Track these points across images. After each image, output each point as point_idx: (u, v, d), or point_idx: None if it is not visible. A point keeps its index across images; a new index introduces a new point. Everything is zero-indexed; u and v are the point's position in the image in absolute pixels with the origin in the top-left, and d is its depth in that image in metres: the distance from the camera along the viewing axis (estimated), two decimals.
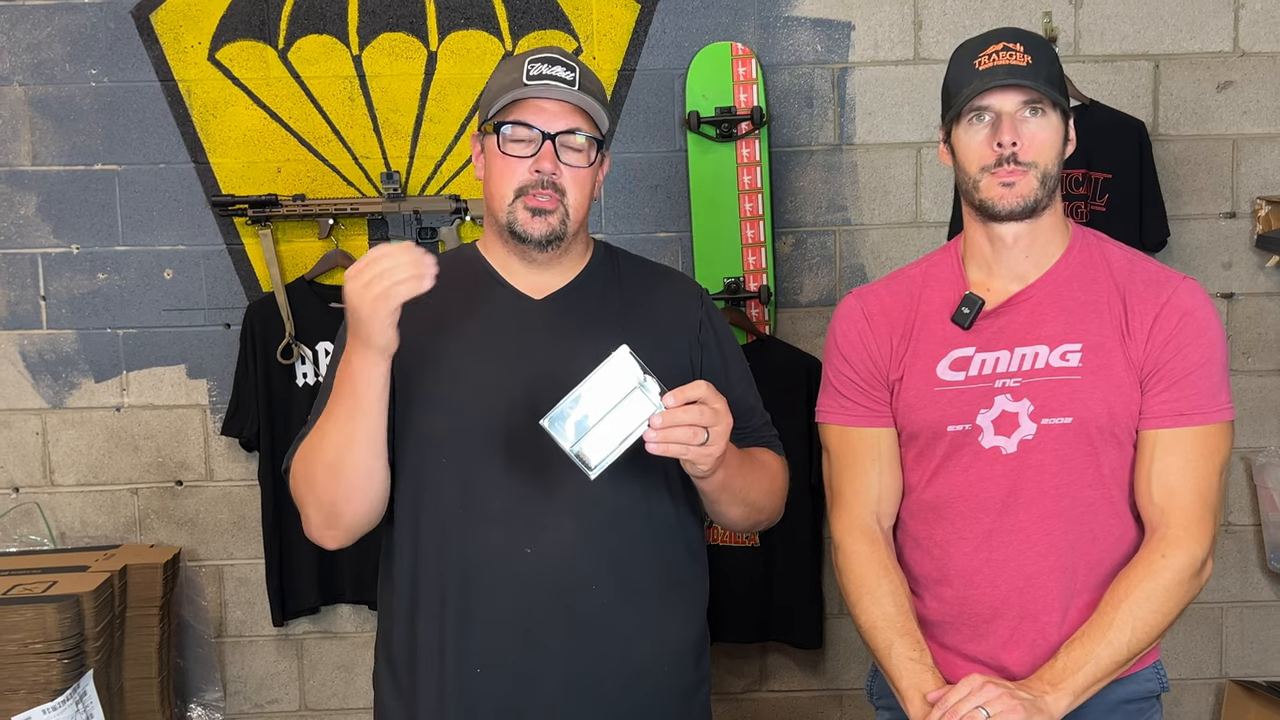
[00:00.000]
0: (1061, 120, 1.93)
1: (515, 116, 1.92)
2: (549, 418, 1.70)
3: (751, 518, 2.05)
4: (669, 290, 2.09)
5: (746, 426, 2.07)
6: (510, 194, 1.92)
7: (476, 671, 1.91)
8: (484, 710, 1.92)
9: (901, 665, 1.91)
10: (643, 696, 1.96)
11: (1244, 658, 3.49)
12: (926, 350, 1.99)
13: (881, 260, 3.36)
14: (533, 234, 1.92)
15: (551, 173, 1.90)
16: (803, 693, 3.48)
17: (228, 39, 3.29)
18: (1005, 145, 1.88)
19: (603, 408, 1.70)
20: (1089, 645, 1.84)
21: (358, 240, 3.33)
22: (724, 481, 1.87)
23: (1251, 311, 3.40)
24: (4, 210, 3.32)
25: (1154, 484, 1.90)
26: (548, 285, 2.00)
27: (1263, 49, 3.34)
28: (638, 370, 1.71)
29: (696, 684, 2.05)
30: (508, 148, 1.92)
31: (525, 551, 1.89)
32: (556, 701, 1.91)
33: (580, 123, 1.93)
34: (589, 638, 1.92)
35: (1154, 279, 1.96)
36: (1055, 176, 1.92)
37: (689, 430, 1.71)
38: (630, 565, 1.94)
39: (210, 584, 3.42)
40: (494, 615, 1.91)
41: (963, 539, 1.96)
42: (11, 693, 2.75)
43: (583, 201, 1.95)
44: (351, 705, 3.47)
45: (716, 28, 3.31)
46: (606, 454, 1.71)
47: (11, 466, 3.38)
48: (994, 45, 1.91)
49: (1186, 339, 1.90)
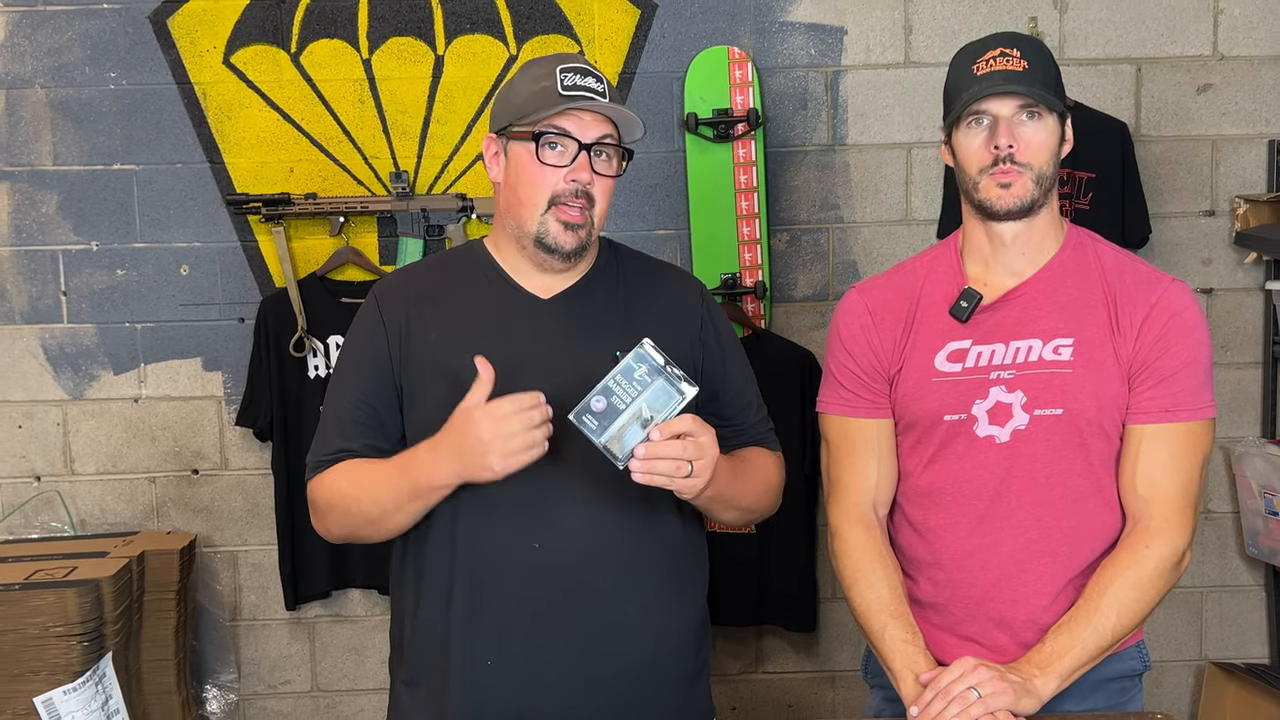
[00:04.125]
0: (1058, 122, 1.92)
1: (549, 124, 1.88)
2: (576, 412, 1.69)
3: (744, 517, 2.05)
4: (672, 287, 2.07)
5: (742, 423, 2.06)
6: (544, 203, 1.89)
7: (486, 664, 1.90)
8: (492, 700, 1.91)
9: (895, 647, 1.91)
10: (646, 685, 1.95)
11: (1223, 640, 3.48)
12: (925, 342, 1.99)
13: (873, 257, 3.36)
14: (564, 247, 1.90)
15: (588, 182, 1.88)
16: (797, 674, 3.48)
17: (242, 43, 3.28)
18: (1002, 148, 1.88)
19: (628, 399, 1.69)
20: (1076, 630, 1.84)
21: (367, 237, 3.32)
22: (713, 496, 1.85)
23: (1230, 306, 3.40)
24: (26, 208, 3.31)
25: (1139, 477, 1.91)
26: (556, 285, 1.98)
27: (1241, 53, 3.33)
28: (660, 360, 1.70)
29: (698, 670, 2.04)
30: (544, 156, 1.89)
31: (533, 547, 1.89)
32: (562, 692, 1.90)
33: (610, 132, 1.92)
34: (594, 630, 1.90)
35: (1144, 279, 1.96)
36: (1051, 177, 1.92)
37: (672, 464, 1.70)
38: (635, 559, 1.93)
39: (225, 569, 3.41)
40: (502, 608, 1.90)
41: (956, 524, 1.96)
42: (33, 674, 2.75)
43: (605, 210, 1.94)
44: (362, 687, 3.46)
45: (714, 32, 3.30)
46: (634, 445, 1.69)
47: (33, 456, 3.37)
48: (992, 51, 1.91)
49: (1174, 338, 1.90)
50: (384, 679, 3.40)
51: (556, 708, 1.89)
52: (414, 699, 1.98)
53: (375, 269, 3.31)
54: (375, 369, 1.96)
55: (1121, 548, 1.90)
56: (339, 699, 3.47)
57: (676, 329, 2.00)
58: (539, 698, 1.90)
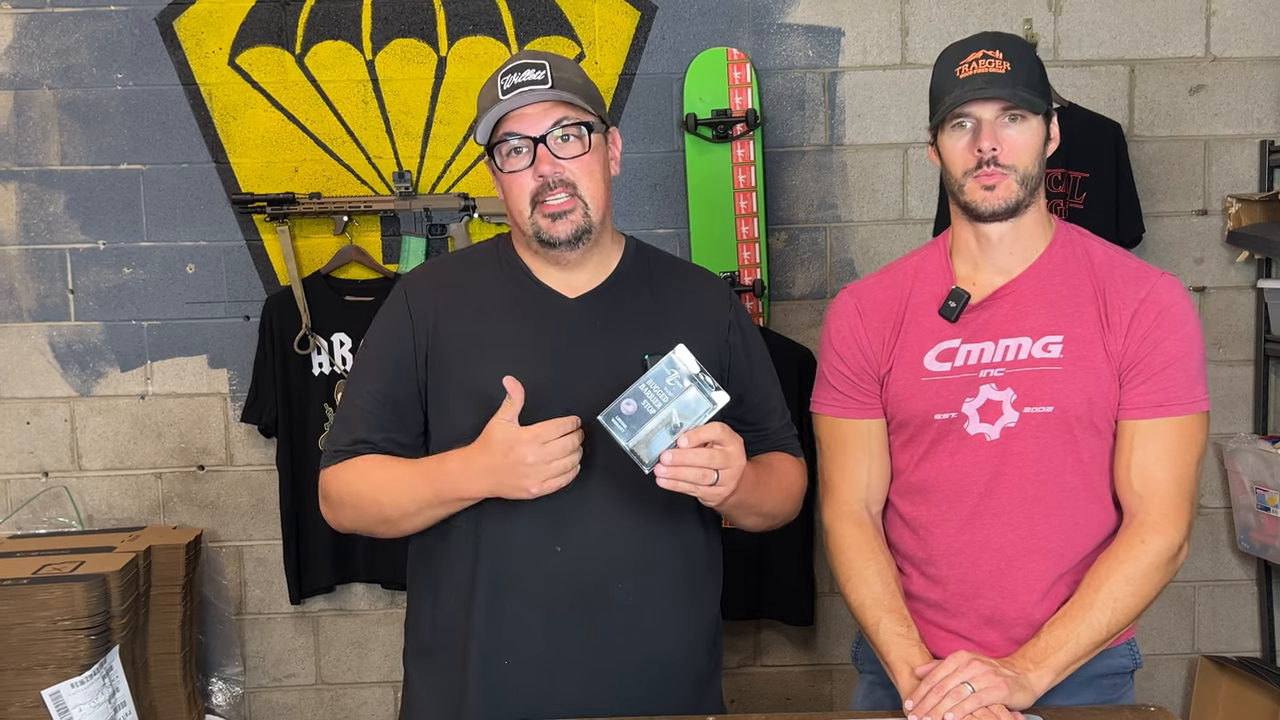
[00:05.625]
0: (1042, 122, 1.91)
1: (501, 132, 1.87)
2: (606, 414, 1.66)
3: (766, 523, 2.02)
4: (700, 290, 2.04)
5: (766, 428, 2.04)
6: (527, 206, 1.88)
7: (505, 662, 1.89)
8: (509, 699, 1.89)
9: (890, 640, 1.90)
10: (660, 686, 1.94)
11: (1215, 634, 3.48)
12: (915, 342, 1.98)
13: (870, 255, 3.35)
14: (558, 236, 1.87)
15: (555, 172, 1.86)
16: (795, 667, 3.48)
17: (247, 45, 3.28)
18: (985, 151, 1.87)
19: (659, 404, 1.67)
20: (1070, 625, 1.83)
21: (371, 236, 3.32)
22: (737, 503, 1.84)
23: (1222, 304, 3.40)
24: (35, 208, 3.31)
25: (1134, 472, 1.89)
26: (582, 284, 1.95)
27: (1233, 54, 3.33)
28: (694, 367, 1.67)
29: (710, 671, 2.03)
30: (507, 164, 1.88)
31: (555, 550, 1.87)
32: (578, 692, 1.89)
33: (564, 114, 1.87)
34: (611, 632, 1.89)
35: (1133, 274, 1.94)
36: (1036, 176, 1.91)
37: (699, 471, 1.69)
38: (653, 563, 1.92)
39: (230, 564, 3.42)
40: (522, 610, 1.88)
41: (947, 521, 1.95)
42: (41, 667, 2.75)
43: (598, 188, 1.89)
44: (365, 679, 3.47)
45: (713, 34, 3.30)
46: (661, 451, 1.67)
47: (41, 452, 3.37)
48: (974, 53, 1.89)
49: (1165, 333, 1.89)
50: (387, 672, 3.42)
51: (572, 707, 1.88)
52: (431, 694, 1.97)
53: (379, 267, 3.31)
54: (398, 362, 1.94)
55: (1118, 543, 1.89)
56: (343, 692, 3.47)
57: (704, 331, 1.97)
58: (555, 697, 1.89)
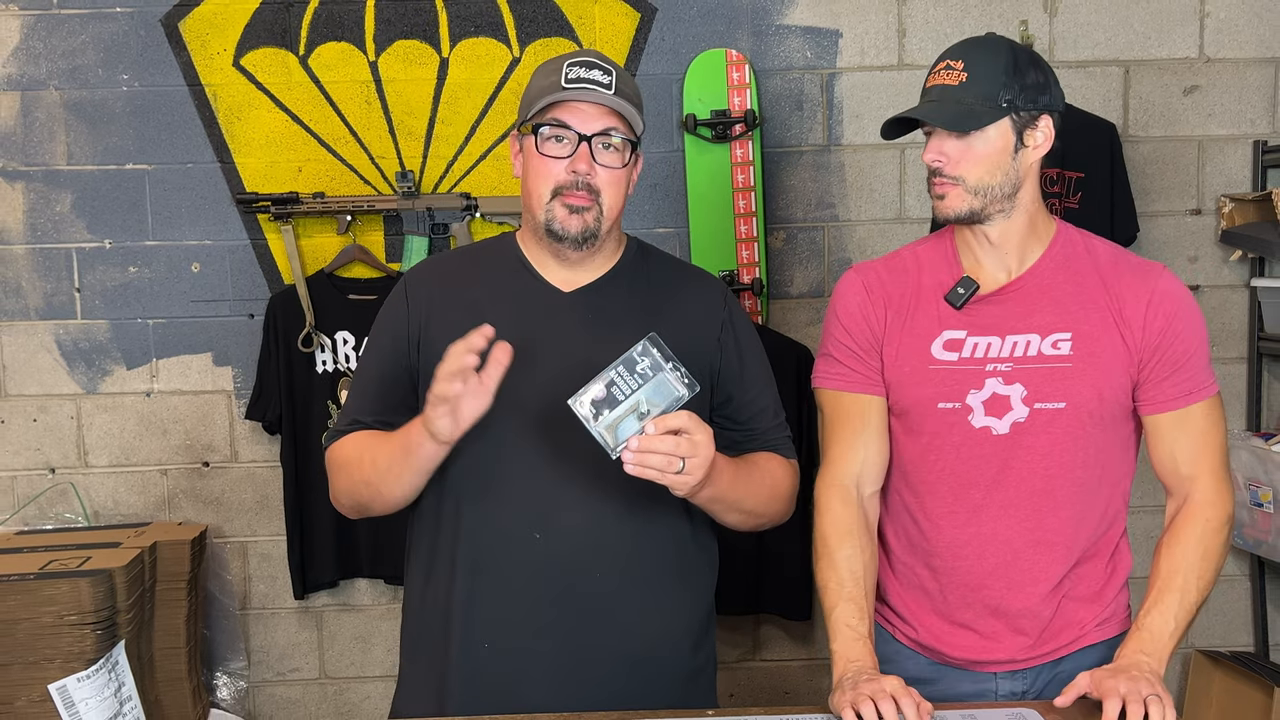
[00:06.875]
0: (1010, 127, 1.86)
1: (549, 116, 1.87)
2: (575, 398, 1.67)
3: (749, 523, 1.99)
4: (695, 289, 2.04)
5: (755, 428, 2.02)
6: (547, 193, 1.88)
7: (484, 646, 1.90)
8: (488, 685, 1.90)
9: (838, 629, 1.87)
10: (643, 679, 1.93)
11: (1209, 629, 3.48)
12: (921, 329, 1.97)
13: (868, 254, 3.35)
14: (570, 231, 1.87)
15: (586, 173, 1.86)
16: (793, 661, 3.48)
17: (251, 46, 3.28)
18: (929, 164, 1.89)
19: (628, 390, 1.67)
20: (1165, 612, 1.86)
21: (374, 235, 3.32)
22: (712, 496, 1.82)
23: (1216, 303, 3.40)
24: (41, 207, 3.31)
25: (1179, 458, 1.93)
26: (578, 279, 1.96)
27: (1227, 55, 3.34)
28: (665, 355, 1.68)
29: (699, 668, 2.01)
30: (545, 148, 1.87)
31: (535, 538, 1.87)
32: (557, 681, 1.89)
33: (616, 124, 1.89)
34: (591, 622, 1.89)
35: (1137, 268, 1.95)
36: (999, 184, 1.88)
37: (664, 459, 1.67)
38: (637, 555, 1.91)
39: (235, 559, 3.42)
40: (502, 597, 1.89)
41: (953, 513, 1.94)
42: (48, 662, 2.75)
43: (617, 202, 1.91)
44: (368, 674, 3.47)
45: (712, 35, 3.31)
46: (629, 436, 1.67)
47: (48, 449, 3.38)
48: (940, 64, 1.90)
49: (1182, 325, 1.91)
50: (390, 666, 3.42)
51: (550, 697, 1.88)
52: (417, 676, 1.98)
53: (382, 266, 3.31)
54: (393, 347, 1.97)
55: (1181, 525, 1.91)
56: (346, 686, 3.47)
57: (696, 330, 1.97)
58: (533, 683, 1.89)
